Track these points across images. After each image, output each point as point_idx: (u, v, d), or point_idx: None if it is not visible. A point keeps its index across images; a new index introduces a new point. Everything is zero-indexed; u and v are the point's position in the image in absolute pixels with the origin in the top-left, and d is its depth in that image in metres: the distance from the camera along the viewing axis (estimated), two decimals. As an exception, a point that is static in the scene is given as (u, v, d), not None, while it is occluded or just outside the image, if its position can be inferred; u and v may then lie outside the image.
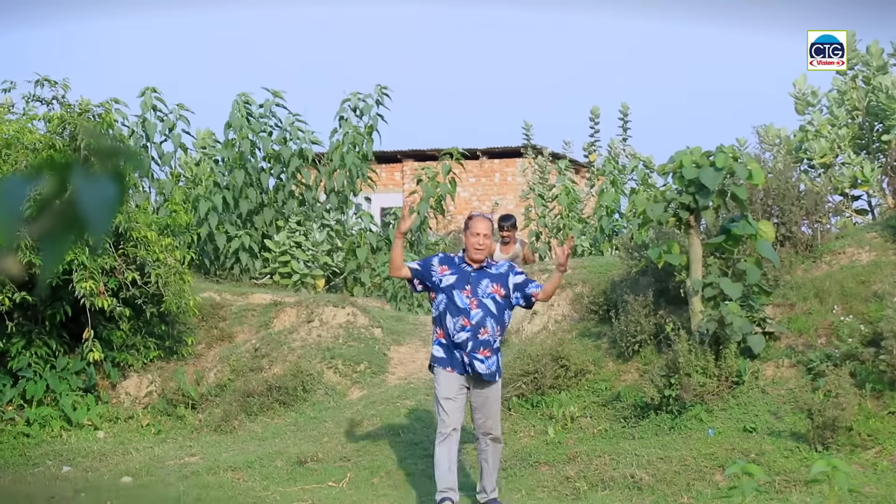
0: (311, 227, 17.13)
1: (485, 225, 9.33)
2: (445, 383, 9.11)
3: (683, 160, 10.98)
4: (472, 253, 9.18)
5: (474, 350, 9.04)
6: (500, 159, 28.96)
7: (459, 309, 9.08)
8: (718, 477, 9.71)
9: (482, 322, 9.08)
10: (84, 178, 1.42)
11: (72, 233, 1.45)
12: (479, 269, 9.24)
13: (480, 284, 9.18)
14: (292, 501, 9.78)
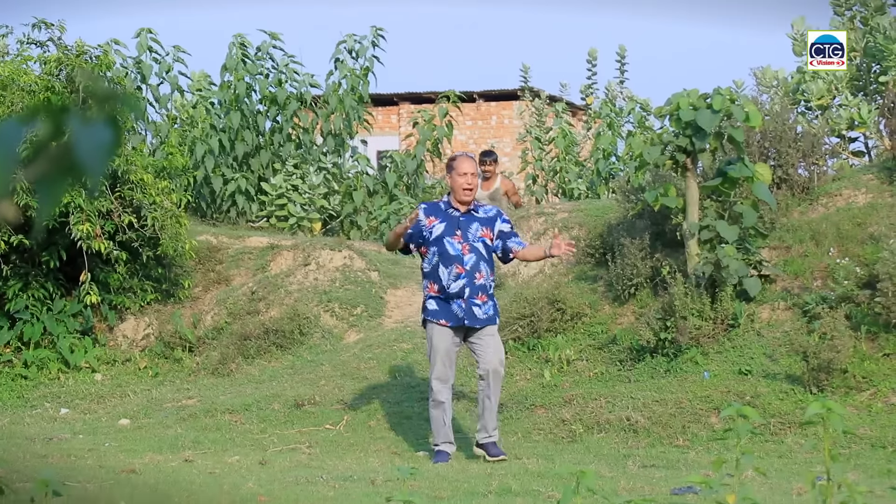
0: (307, 170, 17.09)
1: (470, 164, 9.17)
2: (439, 338, 8.98)
3: (680, 102, 10.95)
4: (461, 195, 9.02)
5: (472, 296, 8.90)
6: (496, 102, 28.88)
7: (452, 257, 8.92)
8: (713, 419, 9.76)
9: (476, 267, 8.94)
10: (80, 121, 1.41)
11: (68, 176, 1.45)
12: (467, 212, 9.08)
13: (470, 228, 9.02)
14: (289, 444, 9.82)
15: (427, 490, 7.42)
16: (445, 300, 8.94)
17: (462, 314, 8.92)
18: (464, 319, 8.93)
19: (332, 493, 7.36)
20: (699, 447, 9.36)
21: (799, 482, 7.61)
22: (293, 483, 7.84)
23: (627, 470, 8.49)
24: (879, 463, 8.56)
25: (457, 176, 9.04)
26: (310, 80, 17.86)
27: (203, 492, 7.34)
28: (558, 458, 8.99)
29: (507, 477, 8.05)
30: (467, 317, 8.93)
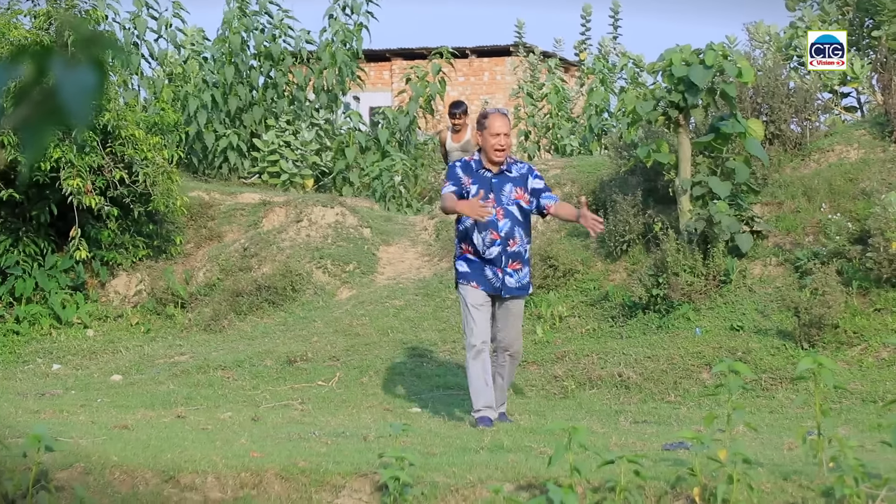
0: (300, 127, 17.04)
1: (504, 122, 8.52)
2: (474, 296, 8.40)
3: (673, 58, 10.91)
4: (492, 155, 8.40)
5: (506, 265, 8.38)
6: (489, 58, 28.76)
7: (486, 222, 8.31)
8: (705, 375, 9.79)
9: (511, 233, 8.39)
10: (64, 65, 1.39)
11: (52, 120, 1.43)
12: (499, 173, 8.46)
13: (504, 191, 8.42)
14: (282, 400, 9.84)
15: (419, 446, 7.43)
16: (480, 265, 8.39)
17: (497, 283, 8.40)
18: (499, 290, 8.41)
19: (325, 450, 7.37)
20: (691, 403, 9.39)
21: (790, 437, 7.63)
22: (286, 439, 7.85)
23: (619, 426, 8.52)
24: (870, 417, 8.59)
25: (489, 135, 8.42)
26: (305, 35, 17.78)
27: (195, 447, 7.35)
28: (550, 414, 9.01)
29: (499, 433, 8.06)
30: (502, 287, 8.41)
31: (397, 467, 6.23)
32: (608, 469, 6.06)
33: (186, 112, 16.55)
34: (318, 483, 6.67)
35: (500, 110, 8.72)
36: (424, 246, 13.63)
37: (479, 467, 6.70)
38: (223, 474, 6.81)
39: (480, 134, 8.49)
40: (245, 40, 17.41)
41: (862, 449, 6.92)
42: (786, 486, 6.09)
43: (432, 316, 11.84)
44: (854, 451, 5.84)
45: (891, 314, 10.03)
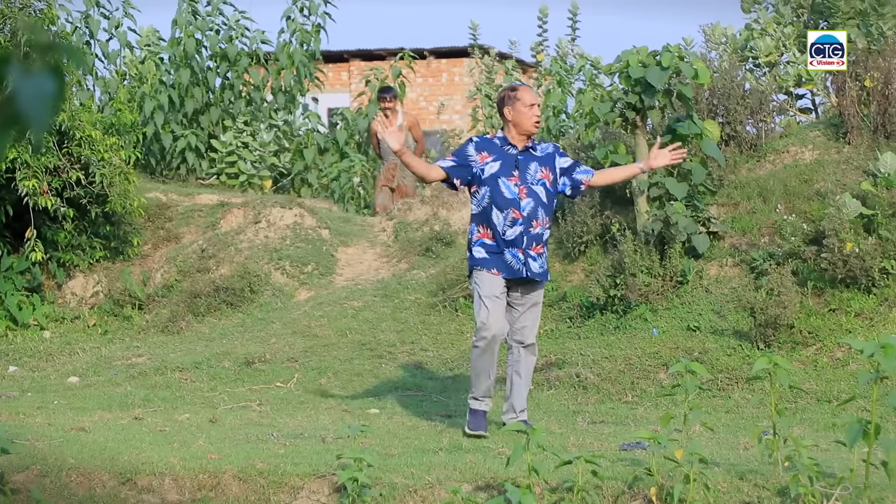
0: (258, 128, 17.01)
1: (533, 94, 8.21)
2: (489, 282, 7.92)
3: (630, 59, 10.98)
4: (530, 127, 8.01)
5: (528, 247, 7.95)
6: (447, 59, 28.79)
7: (507, 200, 7.92)
8: (662, 375, 9.84)
9: (534, 213, 7.96)
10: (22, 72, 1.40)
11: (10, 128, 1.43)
12: (525, 150, 8.08)
13: (529, 169, 8.02)
14: (240, 402, 9.82)
15: (377, 447, 7.45)
16: (498, 249, 7.94)
17: (518, 265, 7.93)
18: (521, 271, 7.94)
19: (283, 451, 7.37)
20: (648, 403, 9.44)
21: (746, 437, 7.70)
22: (244, 441, 7.85)
23: (577, 426, 8.56)
24: (825, 417, 8.67)
25: (522, 107, 8.03)
26: (261, 36, 17.74)
27: (153, 449, 7.33)
28: (508, 414, 9.02)
29: (457, 434, 8.09)
30: (526, 268, 7.95)
31: (355, 468, 6.25)
32: (566, 469, 6.10)
33: (143, 113, 16.48)
34: (276, 484, 6.68)
35: (524, 84, 8.61)
36: (383, 247, 13.64)
37: (438, 468, 6.73)
38: (181, 476, 6.80)
39: (511, 108, 8.04)
40: (200, 41, 17.35)
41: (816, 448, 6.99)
42: (741, 486, 6.14)
43: (391, 317, 11.85)
44: (809, 450, 5.90)
45: (845, 314, 10.12)
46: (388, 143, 8.09)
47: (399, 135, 8.13)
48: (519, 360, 8.13)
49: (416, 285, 12.37)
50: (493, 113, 18.68)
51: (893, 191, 10.61)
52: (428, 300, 11.98)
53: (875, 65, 11.90)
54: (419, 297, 12.09)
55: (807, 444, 5.92)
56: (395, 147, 8.01)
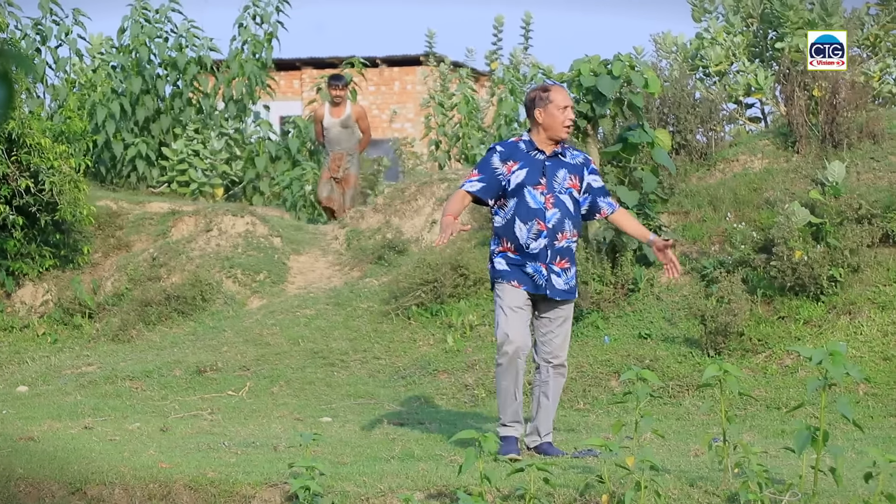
0: (209, 136, 16.94)
1: (567, 95, 7.59)
2: (512, 296, 7.39)
3: (582, 69, 11.03)
4: (560, 132, 7.39)
5: (552, 261, 7.38)
6: (400, 67, 28.79)
7: (532, 210, 7.35)
8: (614, 383, 9.88)
9: (559, 225, 7.39)
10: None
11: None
12: (553, 156, 7.47)
13: (557, 177, 7.43)
14: (191, 410, 9.77)
15: (329, 455, 7.44)
16: (521, 262, 7.39)
17: (542, 281, 7.38)
18: (544, 289, 7.39)
19: (235, 460, 7.34)
20: (599, 410, 9.48)
21: (696, 444, 7.74)
22: (195, 450, 7.81)
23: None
24: (774, 424, 8.73)
25: (555, 110, 7.40)
26: (209, 44, 17.67)
27: (103, 459, 7.29)
28: (461, 422, 9.03)
29: (409, 442, 8.09)
30: (547, 286, 7.39)
31: (307, 477, 6.24)
32: (518, 477, 6.11)
33: (94, 121, 16.37)
34: (228, 494, 6.65)
35: (558, 83, 7.79)
36: (335, 255, 13.62)
37: (390, 476, 6.72)
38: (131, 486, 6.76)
39: (542, 109, 7.41)
40: (150, 49, 17.26)
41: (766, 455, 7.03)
42: (692, 493, 6.18)
43: (343, 325, 11.83)
44: (758, 456, 5.94)
45: (794, 322, 10.20)
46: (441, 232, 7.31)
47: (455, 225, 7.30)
48: (547, 381, 7.54)
49: (368, 293, 12.36)
50: (445, 121, 18.70)
51: (841, 199, 10.71)
52: (380, 308, 11.97)
53: (823, 74, 12.02)
54: (372, 306, 12.08)
55: (756, 451, 5.96)
56: (441, 243, 7.29)
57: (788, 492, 5.83)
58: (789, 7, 13.44)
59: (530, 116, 7.54)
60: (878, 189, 11.06)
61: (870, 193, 10.88)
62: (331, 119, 15.05)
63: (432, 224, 13.35)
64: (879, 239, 10.63)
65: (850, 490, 6.13)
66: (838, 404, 5.67)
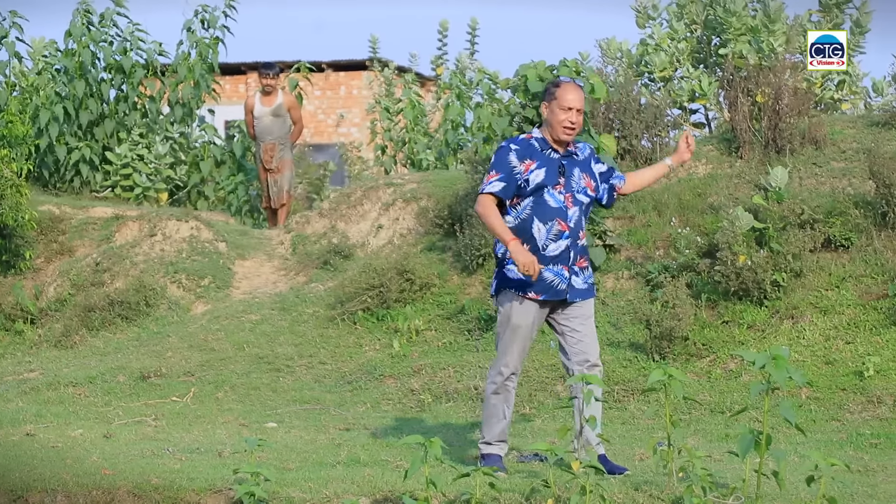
0: (153, 140, 16.83)
1: (577, 95, 7.09)
2: (523, 314, 7.05)
3: (528, 74, 11.07)
4: (560, 133, 7.02)
5: (574, 262, 7.06)
6: (345, 72, 28.75)
7: (552, 210, 7.01)
8: (559, 388, 9.91)
9: (579, 224, 7.09)
10: None
11: None
12: (567, 154, 7.14)
13: (573, 175, 7.11)
14: (135, 416, 9.70)
15: (275, 461, 7.41)
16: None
17: (563, 285, 7.03)
18: (564, 292, 7.05)
19: (179, 466, 7.30)
20: (545, 415, 9.50)
21: (641, 448, 7.78)
22: (139, 456, 7.75)
23: (475, 439, 8.57)
24: (718, 428, 8.79)
25: (558, 109, 7.02)
26: (157, 48, 17.56)
27: (45, 466, 7.22)
28: (407, 427, 9.03)
29: (355, 447, 8.07)
30: (569, 289, 7.06)
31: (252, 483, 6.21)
32: (464, 482, 6.11)
33: (38, 125, 16.23)
34: (172, 500, 6.62)
35: (575, 81, 7.33)
36: (281, 260, 13.57)
37: (336, 482, 6.71)
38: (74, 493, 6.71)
39: (547, 105, 7.08)
40: (94, 53, 17.13)
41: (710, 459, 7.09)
42: (637, 497, 6.21)
43: (288, 330, 11.79)
44: (702, 461, 5.98)
45: (738, 326, 10.28)
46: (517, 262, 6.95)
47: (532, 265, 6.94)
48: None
49: (314, 298, 12.32)
50: (391, 126, 18.69)
51: (784, 204, 10.80)
52: (326, 313, 11.94)
53: (766, 80, 12.12)
54: (317, 311, 12.05)
55: (700, 455, 6.00)
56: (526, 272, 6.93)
57: (732, 495, 5.87)
58: (732, 14, 13.54)
59: (539, 111, 7.35)
60: (821, 194, 11.17)
61: (812, 199, 10.98)
62: (261, 108, 14.95)
63: (378, 229, 13.33)
64: (821, 244, 10.73)
65: (793, 493, 6.19)
66: (781, 408, 5.71)
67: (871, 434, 8.49)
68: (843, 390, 9.34)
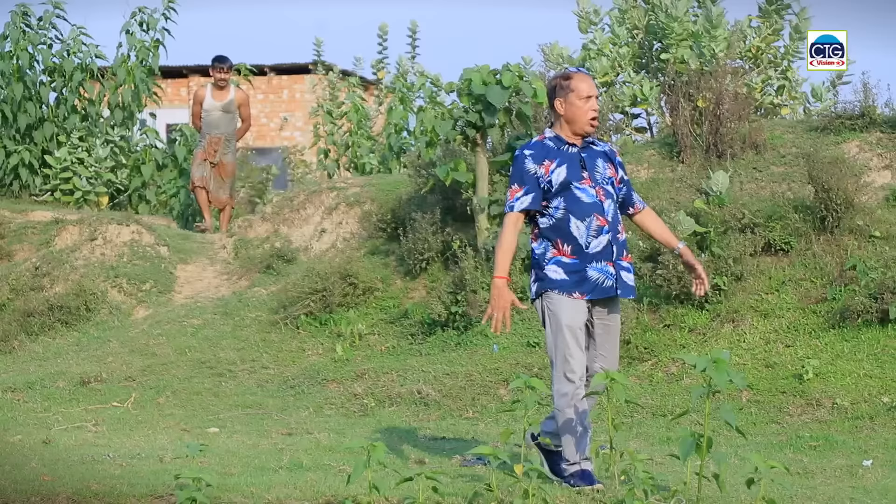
0: (94, 143, 16.70)
1: (591, 83, 6.88)
2: (572, 312, 6.66)
3: (471, 78, 11.09)
4: (585, 126, 6.76)
5: (619, 257, 6.72)
6: (288, 76, 28.66)
7: (588, 206, 6.66)
8: (503, 391, 9.93)
9: (616, 217, 6.76)
10: None
11: None
12: (585, 147, 6.83)
13: (597, 167, 6.78)
14: (75, 422, 9.61)
15: (217, 466, 7.37)
16: (580, 266, 6.65)
17: (611, 281, 6.67)
18: (613, 289, 6.69)
19: (119, 472, 7.24)
20: (488, 419, 9.51)
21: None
22: (78, 462, 7.68)
23: (418, 443, 8.58)
24: (660, 431, 8.84)
25: (577, 100, 6.76)
26: (95, 51, 17.42)
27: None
28: (350, 432, 9.02)
29: (298, 452, 8.05)
30: (619, 285, 6.71)
31: (194, 488, 6.16)
32: (407, 486, 6.10)
33: (-25, 128, 16.06)
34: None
35: (581, 70, 7.17)
36: (223, 264, 13.50)
37: (278, 487, 6.68)
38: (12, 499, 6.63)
39: (562, 100, 6.79)
40: (32, 55, 16.98)
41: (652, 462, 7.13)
42: (579, 500, 6.23)
43: (231, 335, 11.74)
44: (644, 464, 6.01)
45: (679, 330, 10.35)
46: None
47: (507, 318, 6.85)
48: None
49: (256, 303, 12.27)
50: (334, 130, 18.65)
51: (725, 209, 10.89)
52: (269, 317, 11.89)
53: (707, 85, 12.21)
54: (260, 315, 12.01)
55: (642, 458, 6.03)
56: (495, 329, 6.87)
57: (674, 498, 5.90)
58: (674, 19, 13.64)
59: (552, 108, 6.90)
60: (761, 199, 11.27)
61: (752, 203, 11.08)
62: (213, 102, 14.82)
63: (321, 233, 13.30)
64: (762, 248, 10.83)
65: (734, 496, 6.24)
66: (722, 411, 5.75)
67: (810, 436, 8.57)
68: (782, 393, 9.43)
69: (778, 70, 14.26)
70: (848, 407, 9.06)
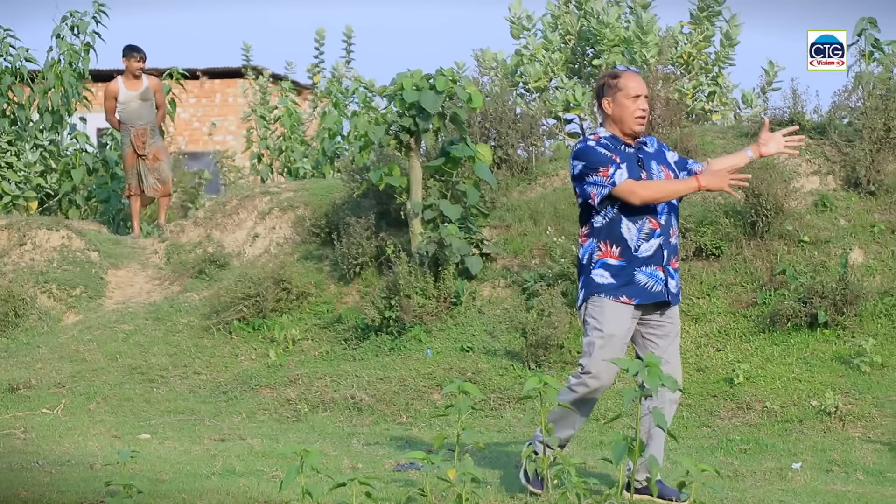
0: (23, 148, 16.52)
1: (641, 81, 6.67)
2: (618, 320, 6.46)
3: (405, 83, 11.09)
4: (633, 124, 6.56)
5: (668, 262, 6.54)
6: (220, 80, 28.52)
7: (640, 207, 6.47)
8: (436, 396, 9.93)
9: (670, 221, 6.58)
10: None
11: None
12: (638, 147, 6.64)
13: (653, 168, 6.58)
14: (3, 429, 9.49)
15: (148, 473, 7.31)
16: (628, 269, 6.48)
17: (660, 286, 6.50)
18: (663, 294, 6.51)
19: (49, 479, 7.16)
20: (422, 424, 9.51)
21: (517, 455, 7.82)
22: (6, 469, 7.59)
23: (352, 448, 8.56)
24: (593, 435, 8.88)
25: (625, 100, 6.56)
26: (25, 54, 17.24)
27: None
28: (283, 437, 8.98)
29: (230, 458, 8.00)
30: (666, 291, 6.54)
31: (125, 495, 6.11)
32: (340, 491, 6.08)
33: None
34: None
35: (630, 68, 6.97)
36: (155, 269, 13.40)
37: (210, 493, 6.65)
38: (-61, 509, 6.55)
39: (610, 99, 6.59)
40: (-39, 59, 16.78)
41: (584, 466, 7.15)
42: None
43: (163, 340, 11.65)
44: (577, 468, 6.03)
45: (612, 334, 10.38)
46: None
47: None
48: (661, 409, 6.08)
49: (189, 308, 12.19)
50: (267, 134, 18.57)
51: (657, 214, 10.94)
52: (201, 323, 11.82)
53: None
54: (192, 320, 11.93)
55: (575, 462, 6.04)
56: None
57: (606, 502, 5.92)
58: (606, 25, 13.72)
59: (600, 108, 6.71)
60: (692, 203, 11.35)
61: (684, 208, 11.14)
62: (128, 92, 14.63)
63: (254, 238, 13.24)
64: (693, 252, 10.91)
65: (666, 498, 6.26)
66: (654, 415, 5.78)
67: (740, 440, 8.65)
68: (713, 397, 9.50)
69: (709, 76, 14.41)
70: (778, 410, 9.15)
